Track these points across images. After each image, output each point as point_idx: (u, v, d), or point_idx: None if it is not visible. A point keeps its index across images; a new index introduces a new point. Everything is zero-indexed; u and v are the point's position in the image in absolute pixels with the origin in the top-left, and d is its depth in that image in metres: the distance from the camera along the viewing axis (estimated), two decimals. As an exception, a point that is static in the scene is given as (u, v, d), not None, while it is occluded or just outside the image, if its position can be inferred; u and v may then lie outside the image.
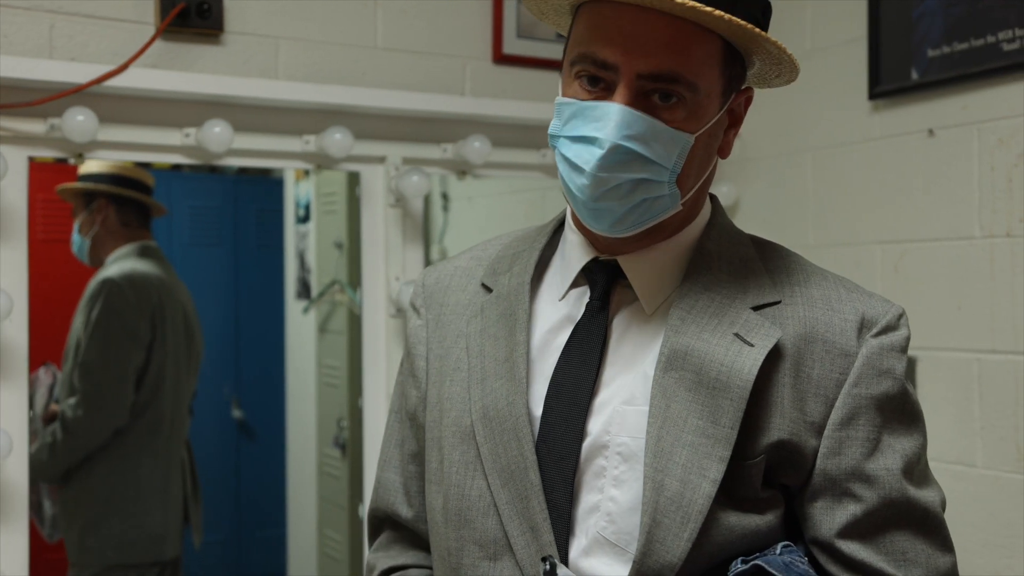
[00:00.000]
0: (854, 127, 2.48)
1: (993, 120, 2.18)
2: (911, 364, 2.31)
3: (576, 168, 1.10)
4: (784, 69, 1.17)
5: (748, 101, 1.20)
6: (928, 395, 2.29)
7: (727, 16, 1.05)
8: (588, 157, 1.08)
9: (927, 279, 2.31)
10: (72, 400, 2.82)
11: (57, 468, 2.85)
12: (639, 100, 1.08)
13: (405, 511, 1.31)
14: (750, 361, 1.09)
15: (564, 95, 1.13)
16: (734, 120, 1.19)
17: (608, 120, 1.07)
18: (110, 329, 2.87)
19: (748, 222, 2.75)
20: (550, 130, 1.15)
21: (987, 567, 2.18)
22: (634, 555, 1.08)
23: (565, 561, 1.12)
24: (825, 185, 2.56)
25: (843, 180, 2.51)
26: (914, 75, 2.32)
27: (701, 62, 1.09)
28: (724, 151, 1.19)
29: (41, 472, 2.84)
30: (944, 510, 1.17)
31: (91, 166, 2.96)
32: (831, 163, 2.54)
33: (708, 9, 1.04)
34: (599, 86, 1.10)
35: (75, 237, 3.04)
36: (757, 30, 1.08)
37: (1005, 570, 2.15)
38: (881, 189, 2.41)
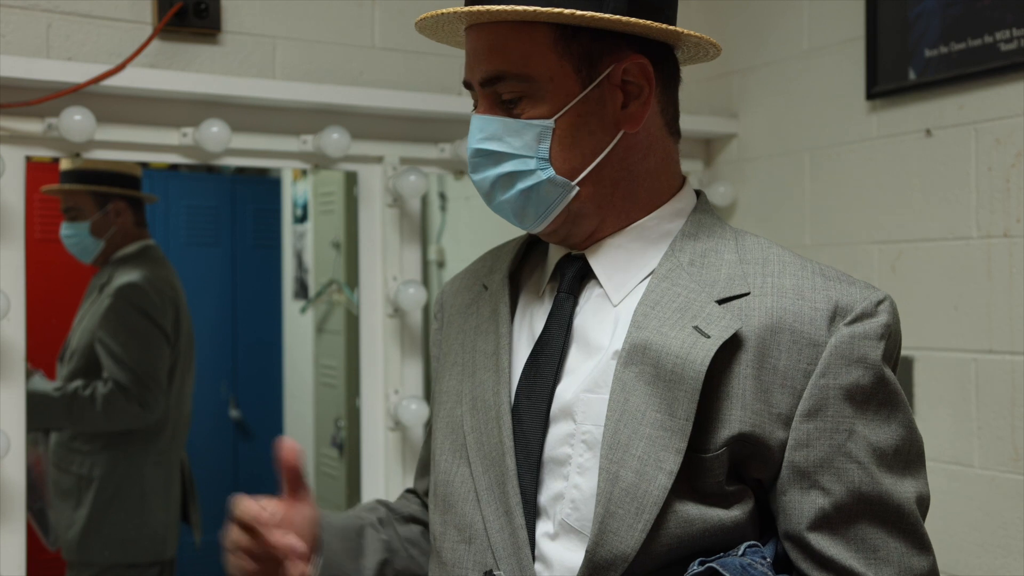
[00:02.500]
0: (851, 127, 2.48)
1: (990, 120, 2.19)
2: (908, 364, 2.31)
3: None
4: (664, 35, 1.18)
5: (643, 69, 1.18)
6: (925, 395, 2.29)
7: (522, 8, 1.12)
8: (469, 168, 1.22)
9: (924, 279, 2.31)
10: (124, 378, 2.83)
11: (59, 423, 2.86)
12: (495, 106, 1.19)
13: (418, 487, 1.47)
14: (703, 352, 1.09)
15: None
16: (634, 92, 1.19)
17: (471, 132, 1.21)
18: (144, 334, 2.90)
19: (745, 222, 2.75)
20: None
21: (984, 567, 2.18)
22: (587, 544, 1.10)
23: (532, 545, 1.15)
24: (822, 185, 2.56)
25: (840, 180, 2.51)
26: (912, 75, 2.32)
27: (524, 53, 1.16)
28: (631, 124, 1.19)
29: (40, 414, 2.82)
30: (924, 506, 1.14)
31: (97, 163, 2.94)
32: (828, 163, 2.54)
33: (507, 8, 1.12)
34: (477, 105, 1.23)
35: (84, 238, 2.99)
36: (551, 10, 1.12)
37: (1002, 570, 2.15)
38: (878, 189, 2.42)
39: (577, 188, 1.18)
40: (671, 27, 1.16)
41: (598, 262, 1.21)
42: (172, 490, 3.01)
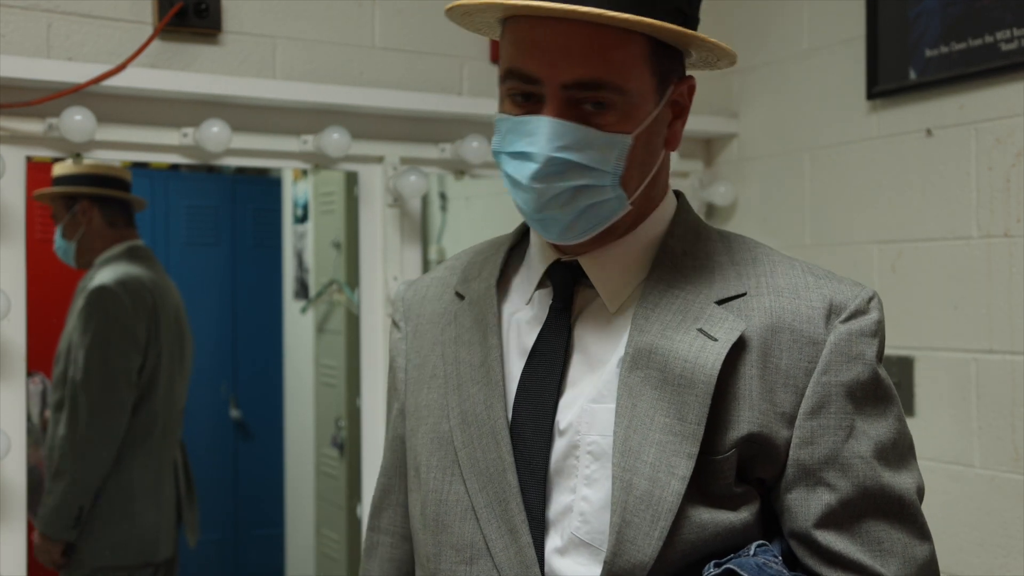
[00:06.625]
0: (852, 127, 2.48)
1: (991, 120, 2.19)
2: (908, 364, 2.31)
3: (516, 183, 1.12)
4: (722, 54, 1.18)
5: (691, 90, 1.19)
6: (925, 395, 2.30)
7: (634, 18, 1.06)
8: (524, 171, 1.10)
9: (924, 279, 2.31)
10: (78, 383, 2.79)
11: (82, 501, 2.82)
12: (570, 110, 1.09)
13: (375, 523, 1.36)
14: (713, 355, 1.09)
15: (500, 110, 1.16)
16: (678, 111, 1.19)
17: (539, 134, 1.09)
18: (110, 337, 2.86)
19: (745, 222, 2.75)
20: (492, 146, 1.16)
21: (984, 567, 2.18)
22: (605, 555, 1.08)
23: (541, 562, 1.12)
24: (823, 185, 2.56)
25: (841, 180, 2.51)
26: (912, 75, 2.32)
27: (624, 65, 1.10)
28: (672, 143, 1.19)
29: (56, 520, 2.80)
30: (922, 496, 1.15)
31: (66, 167, 2.90)
32: (829, 163, 2.54)
33: (611, 13, 1.05)
34: (530, 100, 1.12)
35: (59, 241, 2.98)
36: (676, 27, 1.09)
37: (1002, 570, 2.15)
38: (878, 189, 2.42)
39: (630, 207, 1.15)
40: (731, 49, 1.16)
41: (593, 269, 1.19)
42: (164, 491, 2.98)
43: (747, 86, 2.76)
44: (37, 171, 2.83)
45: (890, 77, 2.37)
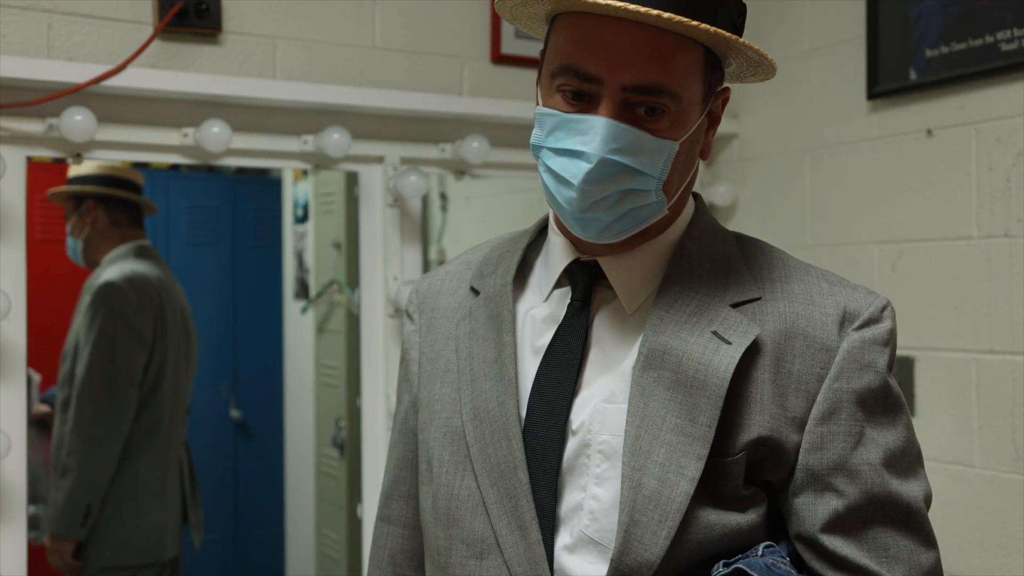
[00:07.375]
0: (852, 127, 2.48)
1: (991, 120, 2.19)
2: (909, 364, 2.31)
3: (563, 181, 1.11)
4: (761, 70, 1.18)
5: (725, 101, 1.20)
6: (926, 395, 2.30)
7: (712, 29, 1.06)
8: (575, 171, 1.09)
9: (925, 279, 2.31)
10: (82, 380, 2.80)
11: (94, 497, 2.83)
12: (624, 112, 1.09)
13: (386, 513, 1.35)
14: (727, 359, 1.09)
15: (545, 105, 1.14)
16: (712, 121, 1.19)
17: (594, 134, 1.08)
18: (116, 333, 2.87)
19: (746, 222, 2.75)
20: (532, 140, 1.15)
21: (984, 567, 2.18)
22: (612, 553, 1.09)
23: (550, 558, 1.13)
24: (823, 185, 2.56)
25: (841, 180, 2.51)
26: (912, 75, 2.32)
27: (684, 72, 1.10)
28: (705, 152, 1.20)
29: (64, 518, 2.80)
30: (929, 504, 1.16)
31: (81, 168, 2.95)
32: (829, 163, 2.54)
33: (694, 23, 1.05)
34: (582, 99, 1.11)
35: (69, 240, 3.04)
36: (738, 38, 1.10)
37: (1002, 570, 2.15)
38: (879, 189, 2.42)
39: (666, 212, 1.16)
40: (775, 66, 1.16)
41: (612, 270, 1.19)
42: (170, 490, 2.99)
43: (747, 86, 2.76)
44: (39, 171, 2.83)
45: (890, 77, 2.37)
